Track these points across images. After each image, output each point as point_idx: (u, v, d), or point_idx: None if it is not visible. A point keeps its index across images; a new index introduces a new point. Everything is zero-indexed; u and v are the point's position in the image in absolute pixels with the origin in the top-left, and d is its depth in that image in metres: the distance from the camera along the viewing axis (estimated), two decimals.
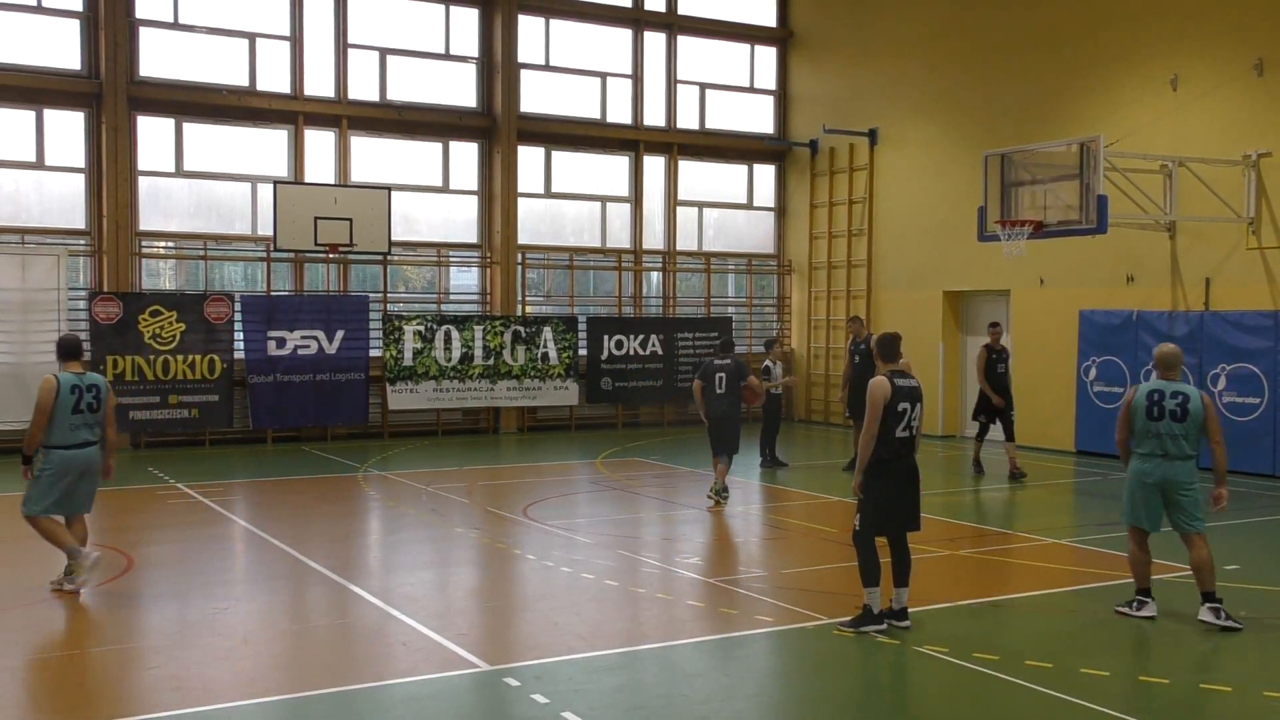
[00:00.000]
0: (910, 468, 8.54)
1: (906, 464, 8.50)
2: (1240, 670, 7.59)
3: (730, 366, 14.08)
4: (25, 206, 19.12)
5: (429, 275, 22.61)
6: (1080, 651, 7.98)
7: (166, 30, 19.82)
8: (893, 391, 8.34)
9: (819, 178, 24.37)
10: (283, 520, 13.15)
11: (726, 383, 13.96)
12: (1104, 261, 18.46)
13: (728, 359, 14.19)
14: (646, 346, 22.96)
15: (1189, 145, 17.25)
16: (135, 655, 8.01)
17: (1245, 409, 16.51)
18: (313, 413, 20.15)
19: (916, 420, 8.50)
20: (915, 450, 8.60)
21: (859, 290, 23.37)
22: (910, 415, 8.42)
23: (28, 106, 18.85)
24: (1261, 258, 16.73)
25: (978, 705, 7.00)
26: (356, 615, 8.97)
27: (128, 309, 18.76)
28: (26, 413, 17.93)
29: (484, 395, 21.56)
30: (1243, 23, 16.94)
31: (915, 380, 8.65)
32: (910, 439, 8.50)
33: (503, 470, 17.57)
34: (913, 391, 8.51)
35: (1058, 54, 19.41)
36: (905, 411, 8.37)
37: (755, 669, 7.92)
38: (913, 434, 8.51)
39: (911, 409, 8.43)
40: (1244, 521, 13.23)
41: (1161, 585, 9.96)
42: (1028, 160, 16.87)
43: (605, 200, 23.61)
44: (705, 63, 24.53)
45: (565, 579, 10.06)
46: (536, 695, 6.98)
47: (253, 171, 20.42)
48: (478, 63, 22.24)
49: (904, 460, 8.48)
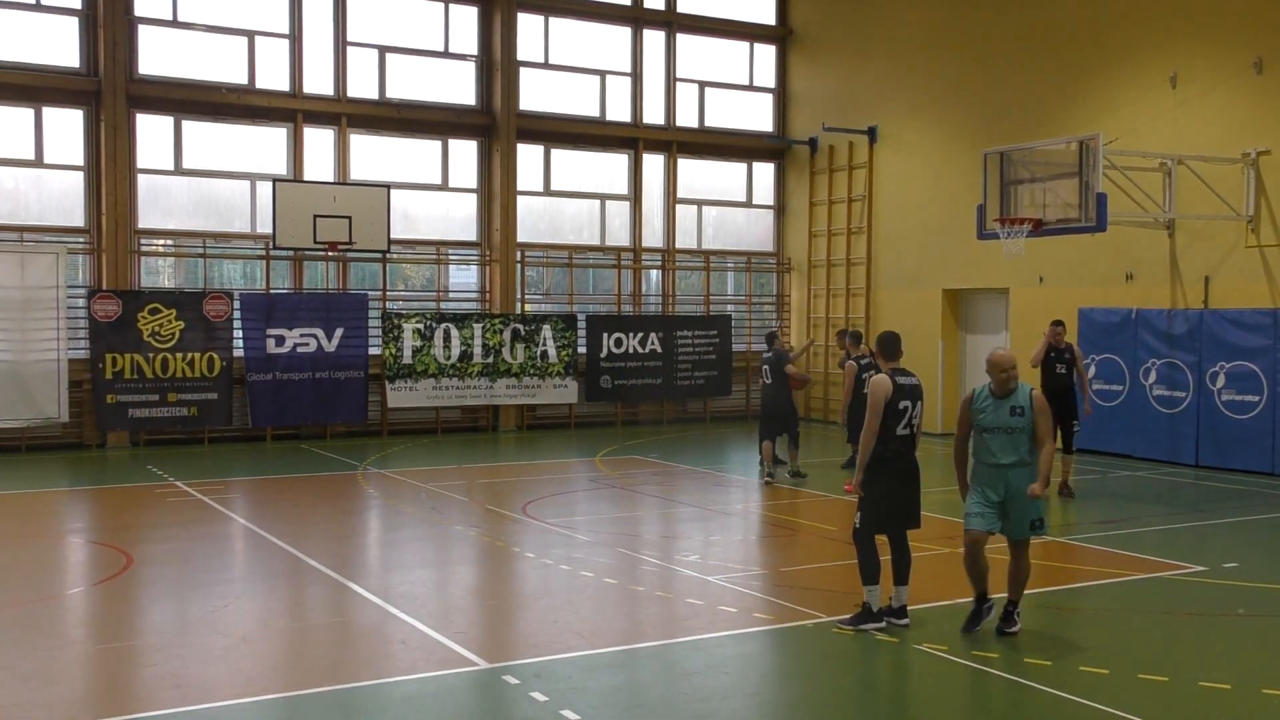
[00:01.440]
0: (910, 466, 8.55)
1: (907, 462, 8.51)
2: (1239, 668, 7.58)
3: (771, 357, 15.68)
4: (24, 204, 19.11)
5: (428, 273, 22.60)
6: (1079, 649, 7.98)
7: (165, 28, 19.80)
8: (894, 390, 8.39)
9: (818, 176, 24.36)
10: (282, 518, 13.14)
11: (771, 372, 15.55)
12: (1103, 260, 18.46)
13: (770, 350, 15.81)
14: (646, 344, 22.95)
15: (1188, 143, 17.25)
16: (134, 653, 8.01)
17: (1244, 407, 16.51)
18: (312, 411, 20.15)
19: (917, 418, 8.53)
20: (915, 448, 8.61)
21: (858, 288, 23.37)
22: (911, 413, 8.46)
23: (27, 104, 18.83)
24: (1261, 256, 16.72)
25: (977, 703, 7.00)
26: (355, 613, 8.96)
27: (127, 307, 18.75)
28: (26, 410, 18.08)
29: (483, 393, 21.55)
30: (1242, 21, 16.94)
31: (916, 378, 8.68)
32: (911, 437, 8.53)
33: (502, 468, 17.56)
34: (914, 389, 8.54)
35: (1057, 52, 19.40)
36: (906, 410, 8.42)
37: (754, 667, 7.92)
38: (913, 432, 8.53)
39: (913, 407, 8.47)
40: (1243, 520, 13.24)
41: (1161, 583, 9.97)
42: (1027, 158, 16.86)
43: (604, 198, 23.61)
44: (705, 61, 24.52)
45: (564, 577, 10.06)
46: (535, 693, 6.98)
47: (252, 169, 20.40)
48: (477, 60, 22.23)
49: (904, 459, 8.49)
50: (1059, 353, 14.61)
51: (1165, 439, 17.46)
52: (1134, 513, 13.56)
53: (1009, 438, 8.09)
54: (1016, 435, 8.09)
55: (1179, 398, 17.33)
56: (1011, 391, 8.12)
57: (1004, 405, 8.13)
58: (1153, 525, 12.74)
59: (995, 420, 8.15)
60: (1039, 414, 8.08)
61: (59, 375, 18.31)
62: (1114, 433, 17.91)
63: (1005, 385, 8.15)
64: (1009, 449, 8.09)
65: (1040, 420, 8.08)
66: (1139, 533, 12.24)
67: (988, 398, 8.23)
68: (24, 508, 13.87)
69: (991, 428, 8.17)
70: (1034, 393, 8.15)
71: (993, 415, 8.17)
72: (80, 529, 13.02)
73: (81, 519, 13.67)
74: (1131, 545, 11.46)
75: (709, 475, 16.62)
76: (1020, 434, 8.08)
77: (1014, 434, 8.09)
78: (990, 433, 8.18)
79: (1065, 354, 14.60)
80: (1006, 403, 8.12)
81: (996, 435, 8.14)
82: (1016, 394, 8.11)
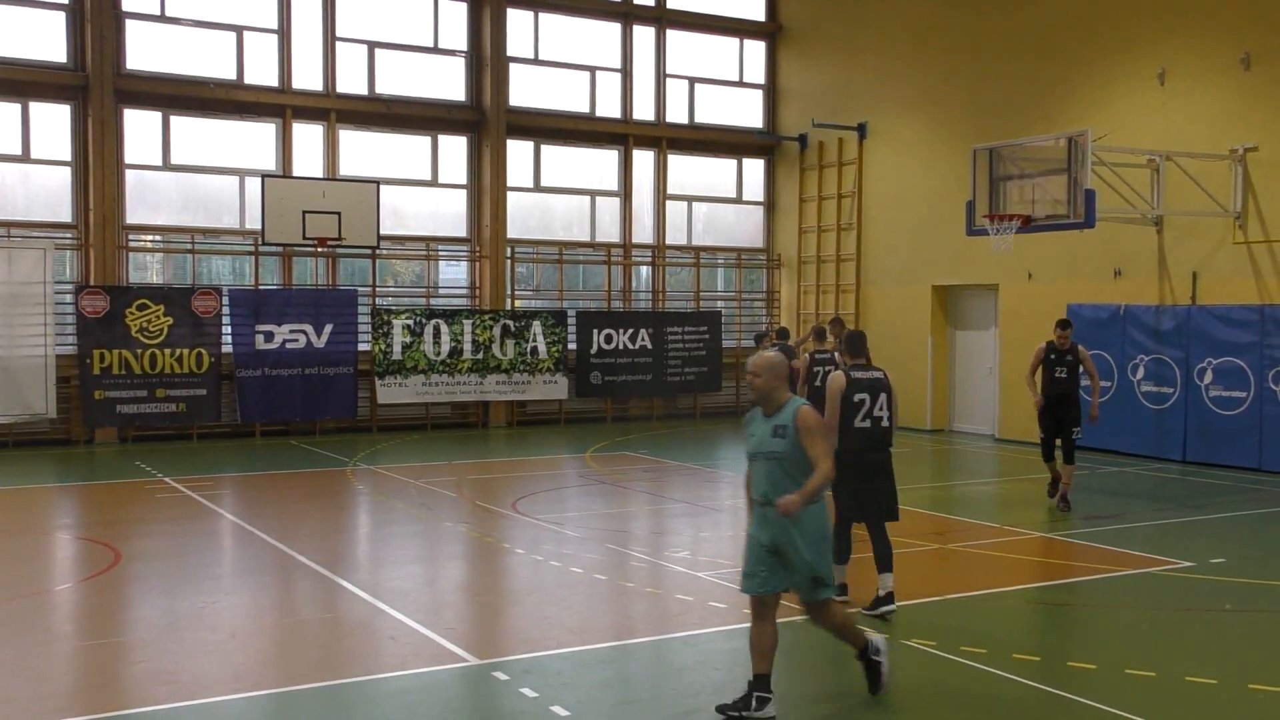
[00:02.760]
0: (875, 459, 8.70)
1: (872, 455, 8.68)
2: (1226, 663, 7.62)
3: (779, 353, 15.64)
4: (11, 199, 19.02)
5: (418, 269, 22.57)
6: (1068, 645, 8.01)
7: (153, 23, 19.73)
8: (848, 384, 8.59)
9: (808, 172, 24.38)
10: (271, 514, 13.11)
11: None
12: (1092, 256, 18.51)
13: (776, 347, 15.82)
14: (636, 340, 22.96)
15: (1176, 139, 17.30)
16: (123, 649, 7.99)
17: (1231, 403, 16.57)
18: (301, 407, 20.11)
19: (882, 411, 8.66)
20: (884, 441, 8.75)
21: (848, 284, 23.39)
22: (870, 407, 8.61)
23: (13, 99, 18.75)
24: (1248, 252, 16.78)
25: (965, 699, 7.02)
26: (345, 609, 8.96)
27: (114, 302, 18.69)
28: (13, 406, 18.01)
29: (473, 389, 21.54)
30: (1229, 16, 16.98)
31: (880, 373, 8.82)
32: (871, 430, 8.65)
33: (492, 464, 17.55)
34: (873, 383, 8.70)
35: (1046, 48, 19.43)
36: (863, 402, 8.59)
37: (744, 663, 7.90)
38: (875, 425, 8.66)
39: (871, 400, 8.62)
40: (1230, 515, 13.30)
41: (1149, 578, 10.00)
42: (1016, 154, 16.88)
43: (594, 194, 23.60)
44: (694, 57, 24.51)
45: (554, 573, 10.06)
46: (525, 689, 6.98)
47: (240, 165, 20.35)
48: (466, 56, 22.19)
49: (865, 451, 8.64)
50: (1059, 355, 13.52)
51: (1153, 435, 17.53)
52: (1122, 509, 13.61)
53: (769, 466, 6.51)
54: (778, 462, 6.47)
55: (1167, 394, 17.39)
56: (779, 407, 6.56)
57: (767, 425, 6.56)
58: (1140, 521, 12.78)
59: (757, 444, 6.59)
60: (804, 434, 6.43)
61: (46, 371, 18.25)
62: (1102, 429, 17.90)
63: (765, 399, 6.58)
64: (766, 480, 6.52)
65: (807, 442, 6.43)
66: (1127, 528, 12.28)
67: (756, 415, 6.71)
68: (11, 503, 13.81)
69: (753, 453, 6.63)
70: (801, 409, 6.50)
71: (756, 438, 6.62)
72: (68, 525, 12.97)
73: (69, 515, 13.62)
74: (1119, 541, 11.50)
75: (699, 471, 16.64)
76: (782, 461, 6.46)
77: (775, 461, 6.48)
78: (753, 460, 6.64)
79: (1067, 356, 13.47)
80: (770, 421, 6.55)
81: (758, 462, 6.60)
82: (782, 410, 6.53)
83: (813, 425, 6.46)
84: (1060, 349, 13.50)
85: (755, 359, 6.67)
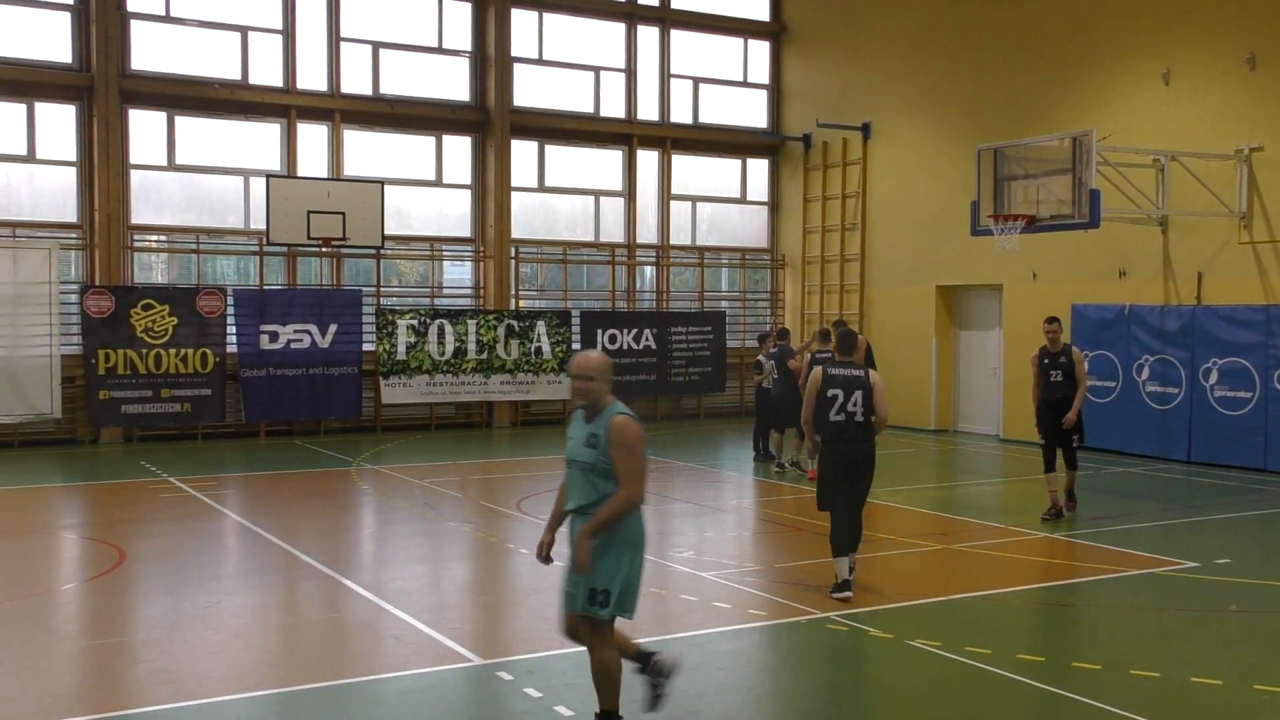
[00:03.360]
0: (850, 451, 9.06)
1: (845, 447, 9.06)
2: (1231, 664, 7.60)
3: (776, 354, 16.58)
4: (16, 200, 19.05)
5: (422, 269, 22.58)
6: (1072, 645, 8.00)
7: (158, 23, 19.75)
8: (824, 379, 9.12)
9: (812, 172, 24.36)
10: (275, 514, 13.12)
11: (778, 368, 16.43)
12: (1096, 256, 18.48)
13: (775, 348, 16.69)
14: (640, 341, 22.95)
15: (1181, 139, 17.27)
16: (127, 649, 7.99)
17: (1236, 403, 16.54)
18: (305, 407, 20.13)
19: (855, 407, 9.02)
20: (862, 435, 9.08)
21: (852, 285, 23.37)
22: (844, 402, 9.00)
23: (18, 100, 18.78)
24: (1253, 252, 16.75)
25: (969, 699, 7.01)
26: (349, 609, 8.96)
27: (119, 303, 18.71)
28: (18, 406, 18.04)
29: (477, 389, 21.54)
30: (1234, 16, 16.95)
31: (859, 370, 9.19)
32: (846, 424, 9.04)
33: (496, 464, 17.56)
34: (849, 380, 9.10)
35: (1050, 48, 19.40)
36: (836, 397, 9.02)
37: (748, 663, 7.92)
38: (850, 419, 9.04)
39: (845, 395, 9.01)
40: (1236, 516, 13.27)
41: (1154, 579, 9.99)
42: (1020, 154, 16.87)
43: (599, 194, 23.59)
44: (699, 57, 24.51)
45: (558, 573, 10.03)
46: (529, 689, 6.98)
47: (245, 165, 20.37)
48: (471, 56, 22.20)
49: (840, 443, 9.05)
50: (1053, 357, 12.47)
51: (1157, 435, 17.50)
52: (1126, 509, 13.59)
53: (581, 475, 6.00)
54: (589, 473, 5.96)
55: (1171, 394, 17.36)
56: (598, 413, 5.99)
57: (584, 431, 6.03)
58: (1145, 521, 12.75)
59: (571, 449, 6.09)
60: (614, 446, 5.84)
61: (51, 371, 18.28)
62: (1106, 429, 17.92)
63: (588, 401, 6.00)
64: (579, 490, 6.02)
65: (615, 456, 5.84)
66: (1131, 529, 12.26)
67: (578, 417, 6.13)
68: (17, 503, 13.83)
69: (568, 459, 6.12)
70: (615, 419, 5.89)
71: (572, 442, 6.09)
72: (73, 524, 12.98)
73: (74, 515, 13.63)
74: (1124, 541, 11.48)
75: (703, 471, 16.63)
76: (594, 473, 5.93)
77: (586, 471, 5.97)
78: (568, 466, 6.13)
79: (1061, 358, 12.43)
80: (587, 428, 6.02)
81: (572, 470, 6.08)
82: (599, 418, 5.96)
83: (627, 439, 5.82)
84: (1053, 352, 12.52)
85: (585, 359, 5.99)
